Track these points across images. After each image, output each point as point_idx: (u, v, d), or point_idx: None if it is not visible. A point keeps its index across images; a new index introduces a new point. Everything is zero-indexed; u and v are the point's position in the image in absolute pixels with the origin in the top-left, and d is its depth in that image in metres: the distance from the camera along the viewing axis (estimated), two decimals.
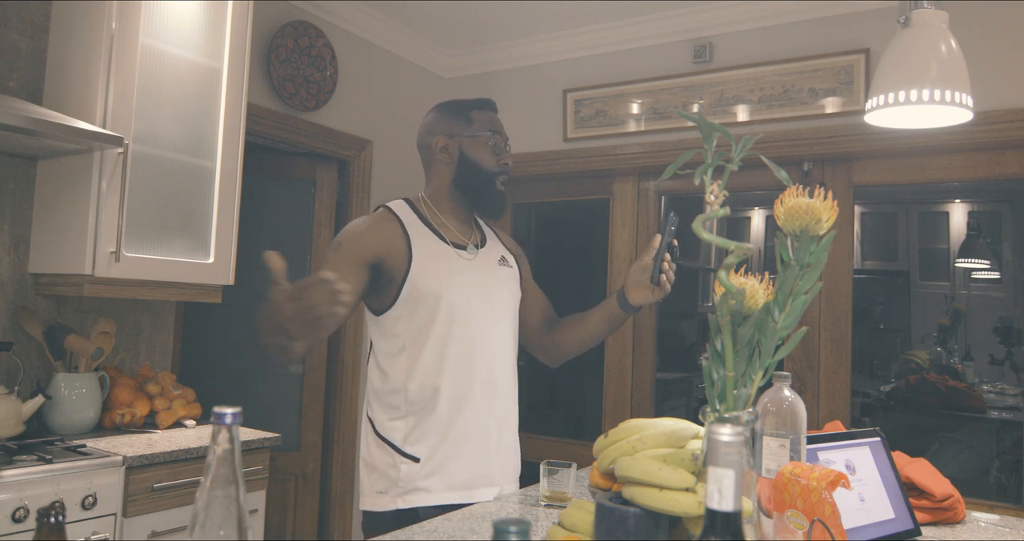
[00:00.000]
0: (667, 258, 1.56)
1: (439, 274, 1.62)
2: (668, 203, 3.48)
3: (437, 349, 1.61)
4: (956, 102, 1.45)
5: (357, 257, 1.58)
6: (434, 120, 1.76)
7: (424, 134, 1.77)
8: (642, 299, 1.62)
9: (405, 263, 1.60)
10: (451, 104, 1.76)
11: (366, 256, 1.59)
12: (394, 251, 1.61)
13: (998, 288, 3.70)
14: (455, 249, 1.69)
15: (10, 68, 2.29)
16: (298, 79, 3.11)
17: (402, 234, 1.63)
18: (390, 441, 1.61)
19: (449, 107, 1.76)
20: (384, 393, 1.63)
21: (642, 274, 1.60)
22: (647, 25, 3.31)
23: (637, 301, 1.63)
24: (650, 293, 1.60)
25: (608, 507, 1.04)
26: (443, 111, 1.76)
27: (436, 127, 1.74)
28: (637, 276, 1.62)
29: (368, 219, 1.68)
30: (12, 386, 2.12)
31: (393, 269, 1.60)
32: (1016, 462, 2.99)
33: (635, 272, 1.62)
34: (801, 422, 1.18)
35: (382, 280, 1.61)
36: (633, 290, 1.63)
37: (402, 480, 1.58)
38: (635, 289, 1.62)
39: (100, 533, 1.91)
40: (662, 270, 1.56)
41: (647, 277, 1.59)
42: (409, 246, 1.62)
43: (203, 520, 0.77)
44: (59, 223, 2.24)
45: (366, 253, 1.59)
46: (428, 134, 1.75)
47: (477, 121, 1.71)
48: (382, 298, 1.62)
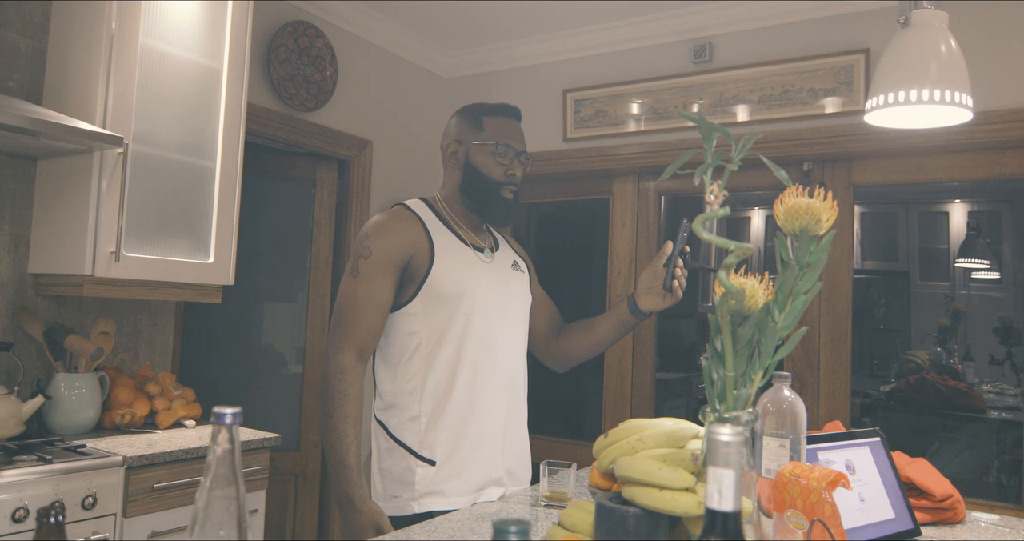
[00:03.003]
0: (679, 264, 1.56)
1: (461, 274, 1.62)
2: (669, 203, 3.49)
3: (454, 349, 1.60)
4: (956, 102, 1.45)
5: (389, 264, 1.58)
6: (452, 123, 1.75)
7: (443, 136, 1.78)
8: (654, 305, 1.62)
9: (428, 261, 1.59)
10: (470, 108, 1.75)
11: (397, 261, 1.58)
12: (419, 249, 1.60)
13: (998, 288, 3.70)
14: (474, 251, 1.69)
15: (10, 68, 2.29)
16: (298, 79, 3.11)
17: (423, 231, 1.63)
18: (405, 444, 1.59)
19: (467, 111, 1.74)
20: (397, 394, 1.61)
21: (654, 280, 1.60)
22: (647, 25, 3.31)
23: (648, 307, 1.63)
24: (662, 299, 1.60)
25: (608, 507, 1.04)
26: (461, 115, 1.75)
27: (451, 130, 1.74)
28: (648, 282, 1.61)
29: (389, 218, 1.65)
30: (12, 386, 2.12)
31: (417, 267, 1.59)
32: (1016, 462, 2.99)
33: (646, 278, 1.62)
34: (801, 422, 1.18)
35: (404, 277, 1.60)
36: (644, 296, 1.63)
37: (418, 484, 1.56)
38: (646, 295, 1.62)
39: (100, 533, 1.91)
40: (674, 277, 1.56)
41: (659, 283, 1.59)
42: (431, 244, 1.61)
43: (203, 520, 0.77)
44: (59, 223, 2.24)
45: (397, 258, 1.58)
46: (444, 137, 1.76)
47: (488, 128, 1.69)
48: (400, 294, 1.61)
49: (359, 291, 1.57)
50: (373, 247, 1.59)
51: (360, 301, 1.56)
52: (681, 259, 1.56)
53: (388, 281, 1.57)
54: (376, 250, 1.58)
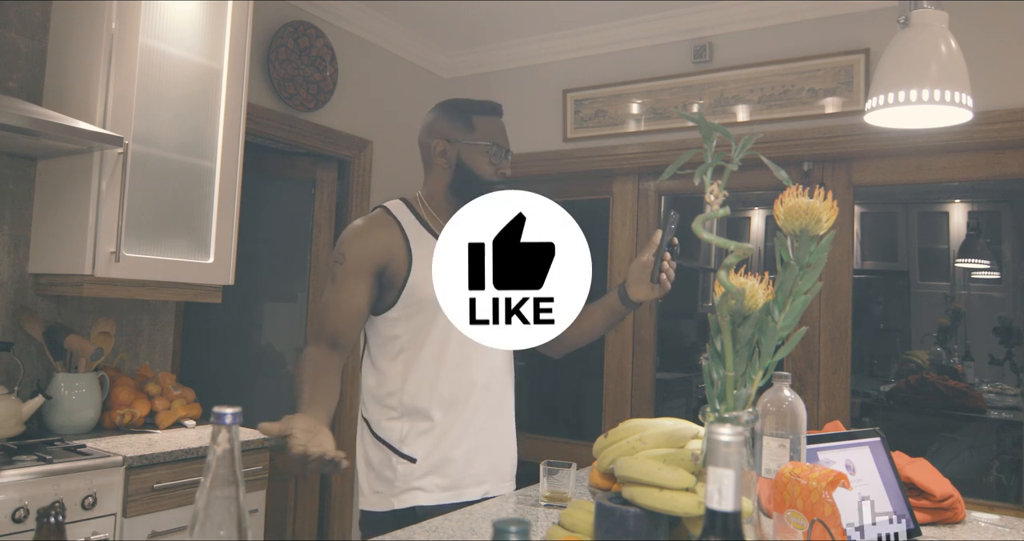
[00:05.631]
0: (667, 256, 1.56)
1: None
2: (668, 202, 3.48)
3: (435, 352, 1.61)
4: (956, 102, 1.45)
5: (363, 270, 1.58)
6: (435, 120, 1.71)
7: (424, 133, 1.73)
8: (642, 295, 1.62)
9: (405, 267, 1.60)
10: (454, 105, 1.72)
11: (370, 267, 1.59)
12: (395, 256, 1.60)
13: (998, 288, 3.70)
14: None
15: (10, 68, 2.29)
16: (298, 79, 3.11)
17: (401, 238, 1.62)
18: (387, 442, 1.61)
19: (452, 108, 1.71)
20: (380, 395, 1.63)
21: (642, 271, 1.60)
22: (647, 25, 3.31)
23: (637, 297, 1.64)
24: (650, 290, 1.60)
25: (608, 507, 1.04)
26: (445, 112, 1.71)
27: (437, 128, 1.70)
28: (637, 273, 1.62)
29: (366, 224, 1.65)
30: (12, 386, 2.12)
31: (395, 273, 1.60)
32: (1016, 462, 2.99)
33: (635, 268, 1.62)
34: (801, 422, 1.18)
35: (383, 283, 1.61)
36: (633, 286, 1.63)
37: (398, 480, 1.58)
38: (635, 285, 1.63)
39: (100, 533, 1.92)
40: (662, 268, 1.56)
41: (647, 274, 1.59)
42: (409, 250, 1.61)
43: (203, 520, 0.77)
44: (59, 223, 2.24)
45: (370, 264, 1.59)
46: (428, 134, 1.71)
47: (479, 128, 1.67)
48: (382, 300, 1.62)
49: (333, 297, 1.60)
50: (347, 253, 1.60)
51: (334, 305, 1.59)
52: (669, 251, 1.56)
53: (361, 287, 1.58)
54: (350, 256, 1.60)
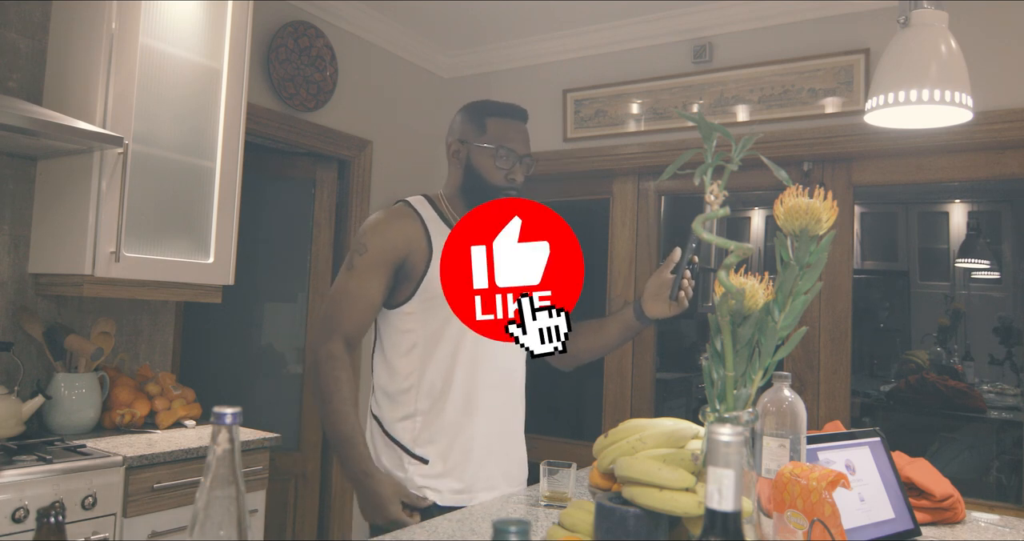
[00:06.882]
0: (687, 274, 1.56)
1: None
2: (669, 203, 3.48)
3: (451, 349, 1.60)
4: (956, 102, 1.45)
5: (383, 261, 1.58)
6: (457, 120, 1.73)
7: (448, 132, 1.75)
8: (659, 312, 1.61)
9: (425, 260, 1.59)
10: (475, 106, 1.72)
11: (391, 259, 1.58)
12: (416, 249, 1.60)
13: (998, 288, 3.70)
14: None
15: (10, 68, 2.28)
16: (298, 79, 3.11)
17: (423, 231, 1.62)
18: (399, 441, 1.60)
19: (472, 109, 1.72)
20: (393, 392, 1.62)
21: (660, 288, 1.60)
22: (647, 25, 3.31)
23: (654, 314, 1.63)
24: (668, 307, 1.59)
25: (608, 507, 1.04)
26: (466, 112, 1.73)
27: (455, 128, 1.72)
28: (655, 289, 1.61)
29: (389, 216, 1.65)
30: (12, 386, 2.12)
31: (414, 266, 1.59)
32: (1016, 462, 2.99)
33: (653, 285, 1.61)
34: (801, 422, 1.18)
35: (400, 276, 1.60)
36: (650, 302, 1.62)
37: (408, 480, 1.57)
38: (652, 302, 1.62)
39: (100, 533, 1.91)
40: (681, 286, 1.56)
41: (666, 291, 1.58)
42: (429, 244, 1.60)
43: (203, 520, 0.77)
44: (59, 223, 2.24)
45: (391, 255, 1.58)
46: (449, 133, 1.74)
47: (491, 130, 1.67)
48: (397, 293, 1.61)
49: (351, 285, 1.58)
50: (369, 244, 1.59)
51: (351, 295, 1.58)
52: (689, 269, 1.56)
53: (381, 279, 1.58)
54: (372, 247, 1.59)
